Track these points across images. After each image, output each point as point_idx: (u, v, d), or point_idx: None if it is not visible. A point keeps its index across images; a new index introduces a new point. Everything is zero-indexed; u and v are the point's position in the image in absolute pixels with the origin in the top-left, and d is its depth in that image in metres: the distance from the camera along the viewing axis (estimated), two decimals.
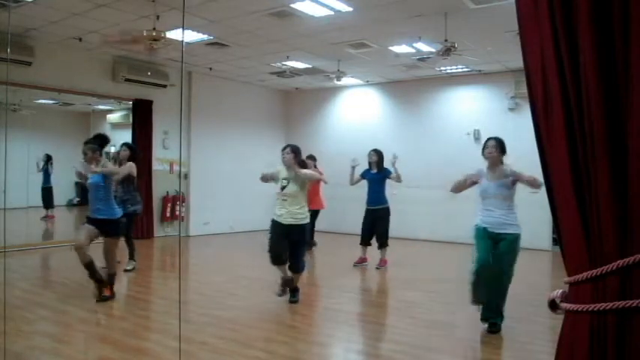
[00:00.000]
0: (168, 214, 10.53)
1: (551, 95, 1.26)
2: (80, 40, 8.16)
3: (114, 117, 11.82)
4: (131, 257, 7.03)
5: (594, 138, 1.18)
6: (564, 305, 1.29)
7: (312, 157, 8.83)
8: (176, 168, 10.61)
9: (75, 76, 9.00)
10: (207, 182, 11.09)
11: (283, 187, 5.30)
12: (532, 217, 9.44)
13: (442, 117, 10.83)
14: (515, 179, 4.42)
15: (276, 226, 5.32)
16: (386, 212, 7.52)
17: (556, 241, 7.69)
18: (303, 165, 5.49)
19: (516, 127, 9.61)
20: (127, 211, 6.54)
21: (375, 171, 7.51)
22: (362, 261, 7.66)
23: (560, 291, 1.33)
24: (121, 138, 11.31)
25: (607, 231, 1.18)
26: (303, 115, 12.84)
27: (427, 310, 5.33)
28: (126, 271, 6.84)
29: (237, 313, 5.14)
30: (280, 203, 5.34)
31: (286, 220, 5.26)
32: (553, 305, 1.34)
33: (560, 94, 1.24)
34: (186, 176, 10.90)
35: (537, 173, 1.44)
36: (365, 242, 7.62)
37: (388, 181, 7.62)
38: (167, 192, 10.55)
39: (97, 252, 5.45)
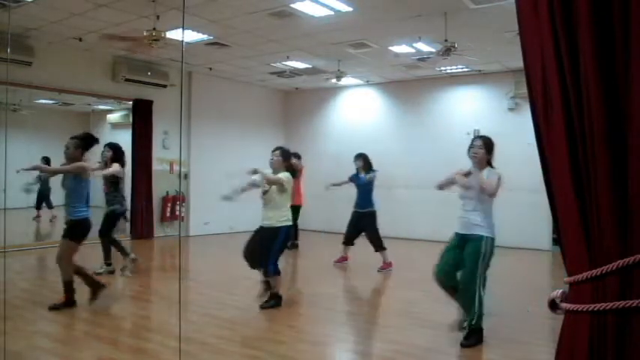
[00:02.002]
0: (168, 214, 10.53)
1: (551, 95, 1.26)
2: (80, 40, 8.16)
3: (114, 117, 11.82)
4: (125, 256, 6.79)
5: (594, 138, 1.18)
6: (564, 305, 1.29)
7: (296, 155, 8.86)
8: (176, 168, 10.61)
9: (75, 76, 9.00)
10: (207, 182, 11.08)
11: (265, 192, 5.21)
12: (532, 217, 9.47)
13: (442, 117, 10.83)
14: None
15: (256, 229, 5.35)
16: (372, 216, 7.51)
17: (556, 241, 7.70)
18: (290, 169, 5.39)
19: (516, 127, 9.62)
20: (107, 210, 6.60)
21: (362, 175, 7.59)
22: (342, 260, 7.78)
23: (560, 291, 1.33)
24: (121, 138, 11.32)
25: (607, 231, 1.18)
26: (303, 115, 12.84)
27: (427, 310, 5.33)
28: (123, 270, 6.72)
29: (237, 313, 5.14)
30: (263, 206, 5.29)
31: (263, 223, 5.24)
32: (553, 305, 1.34)
33: (560, 94, 1.24)
34: (186, 176, 10.90)
35: (537, 173, 1.44)
36: (347, 242, 7.73)
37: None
38: (167, 192, 10.55)
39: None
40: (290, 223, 5.24)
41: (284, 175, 5.13)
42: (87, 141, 5.16)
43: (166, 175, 10.57)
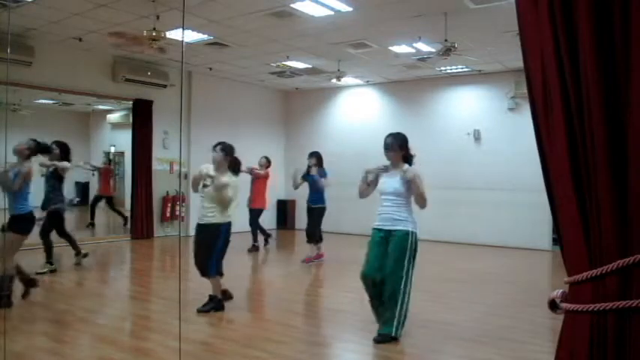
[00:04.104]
0: (168, 214, 10.52)
1: (551, 95, 1.26)
2: (80, 40, 8.16)
3: (114, 117, 11.83)
4: (77, 253, 7.08)
5: (594, 138, 1.18)
6: (564, 305, 1.29)
7: (266, 158, 9.16)
8: (176, 168, 10.61)
9: (75, 76, 9.00)
10: None
11: (205, 186, 5.08)
12: (532, 217, 9.48)
13: (442, 117, 10.83)
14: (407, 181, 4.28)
15: (196, 231, 5.20)
16: (320, 212, 7.96)
17: (556, 241, 7.70)
18: (235, 164, 5.27)
19: (516, 127, 9.63)
20: (50, 209, 6.70)
21: (314, 173, 7.93)
22: (318, 257, 8.07)
23: (560, 291, 1.33)
24: (121, 138, 11.35)
25: (607, 231, 1.18)
26: (303, 115, 12.84)
27: (427, 310, 5.33)
28: (77, 264, 6.96)
29: (237, 313, 5.14)
30: (201, 203, 5.18)
31: (200, 220, 5.10)
32: (553, 305, 1.34)
33: (560, 94, 1.24)
34: (186, 176, 10.88)
35: (537, 173, 1.44)
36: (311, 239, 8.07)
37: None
38: (167, 192, 10.54)
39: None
40: (229, 219, 5.03)
41: (231, 179, 5.09)
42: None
43: (166, 175, 10.57)
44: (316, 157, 7.99)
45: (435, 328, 4.67)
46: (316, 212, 7.96)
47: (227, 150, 5.16)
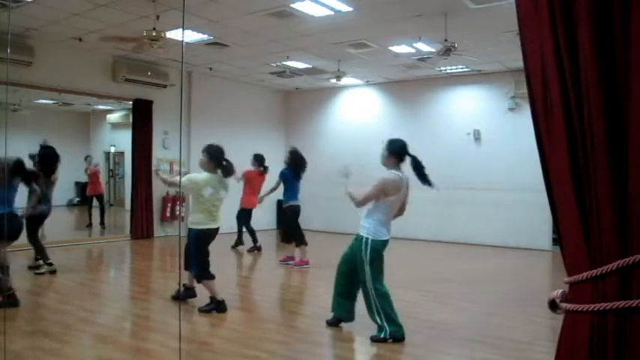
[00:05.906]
0: (168, 214, 10.53)
1: (551, 95, 1.26)
2: (80, 40, 8.16)
3: (114, 117, 11.84)
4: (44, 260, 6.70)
5: (594, 138, 1.18)
6: (564, 305, 1.29)
7: (257, 158, 9.03)
8: (176, 168, 10.60)
9: (75, 76, 9.00)
10: None
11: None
12: (532, 217, 9.48)
13: (442, 117, 10.83)
14: None
15: None
16: (289, 210, 7.88)
17: (556, 241, 7.70)
18: (221, 168, 5.30)
19: (516, 127, 9.63)
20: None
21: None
22: (302, 263, 7.76)
23: (560, 291, 1.33)
24: (121, 138, 11.35)
25: (607, 231, 1.18)
26: (303, 115, 12.84)
27: (427, 310, 5.33)
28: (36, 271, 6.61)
29: (237, 313, 5.14)
30: None
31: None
32: (553, 305, 1.34)
33: (560, 94, 1.24)
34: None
35: (537, 173, 1.44)
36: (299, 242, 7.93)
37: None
38: (167, 192, 10.54)
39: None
40: (200, 227, 4.96)
41: (185, 178, 5.12)
42: None
43: (166, 175, 10.57)
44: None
45: (435, 328, 4.67)
46: (287, 212, 7.86)
47: (211, 153, 5.22)
